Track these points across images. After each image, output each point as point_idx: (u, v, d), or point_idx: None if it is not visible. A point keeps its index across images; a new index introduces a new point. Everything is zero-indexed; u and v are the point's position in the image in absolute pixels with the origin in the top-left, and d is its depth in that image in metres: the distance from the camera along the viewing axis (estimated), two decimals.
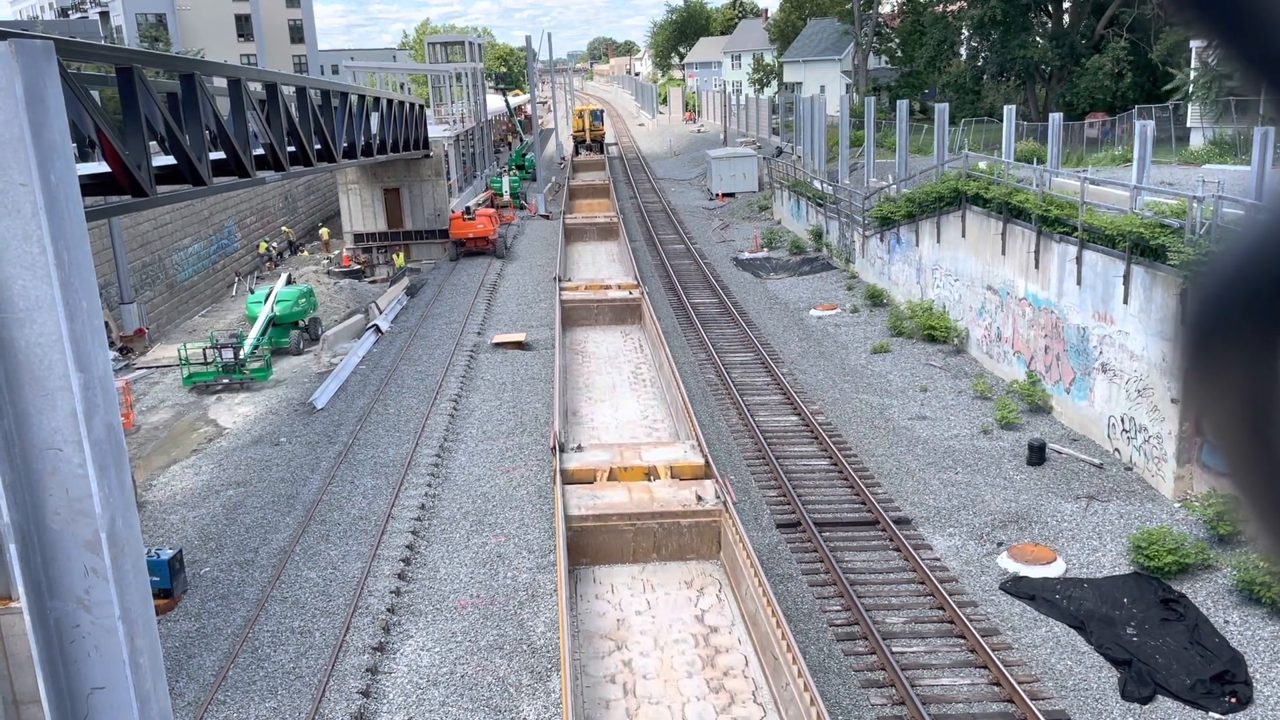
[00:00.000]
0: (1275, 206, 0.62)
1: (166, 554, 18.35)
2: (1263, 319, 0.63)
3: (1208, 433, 0.69)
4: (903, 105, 40.36)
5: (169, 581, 18.16)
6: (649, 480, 18.94)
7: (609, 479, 18.93)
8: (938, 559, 18.79)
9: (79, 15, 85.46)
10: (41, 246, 7.68)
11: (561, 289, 35.19)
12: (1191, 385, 0.67)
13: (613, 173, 76.80)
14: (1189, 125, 41.27)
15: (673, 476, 18.97)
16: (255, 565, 19.79)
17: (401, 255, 48.01)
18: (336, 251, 49.64)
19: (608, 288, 35.39)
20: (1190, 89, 39.80)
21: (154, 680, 8.64)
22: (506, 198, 61.57)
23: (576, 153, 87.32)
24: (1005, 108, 34.42)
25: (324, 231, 53.17)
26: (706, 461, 19.31)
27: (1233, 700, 14.48)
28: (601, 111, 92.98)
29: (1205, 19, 0.65)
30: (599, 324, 33.67)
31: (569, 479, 18.98)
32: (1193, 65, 39.50)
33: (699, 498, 17.94)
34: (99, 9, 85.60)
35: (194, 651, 16.99)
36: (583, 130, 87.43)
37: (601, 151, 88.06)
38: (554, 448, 20.11)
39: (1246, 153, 31.53)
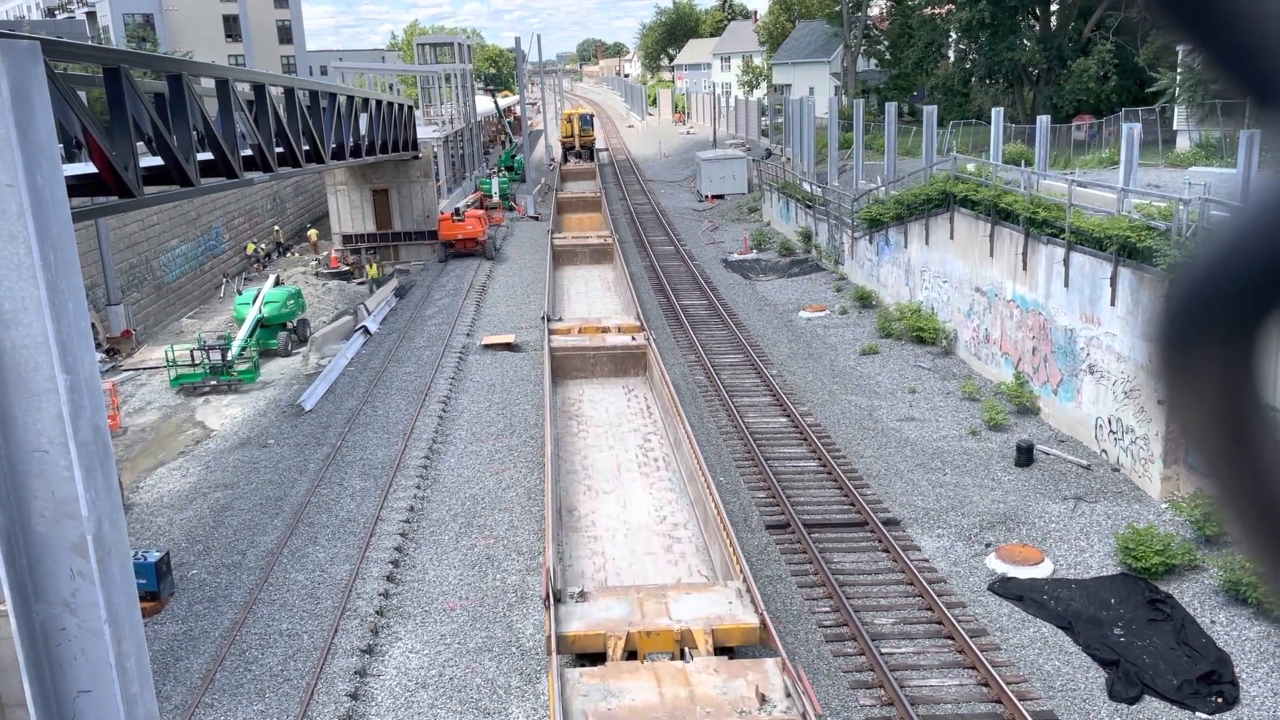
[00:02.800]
0: (1250, 206, 0.62)
1: (153, 556, 18.27)
2: (1237, 318, 0.63)
3: (1184, 434, 0.69)
4: (891, 107, 40.50)
5: (156, 584, 18.08)
6: (683, 657, 13.46)
7: (625, 651, 13.60)
8: (926, 560, 18.84)
9: (66, 15, 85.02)
10: (28, 248, 7.64)
11: (551, 332, 29.69)
12: (1168, 386, 0.67)
13: (604, 181, 72.95)
14: (1175, 128, 41.49)
15: (715, 647, 13.59)
16: (243, 568, 19.71)
17: (375, 266, 45.93)
18: (325, 253, 49.50)
19: (606, 330, 29.88)
20: (1176, 92, 40.01)
21: (140, 683, 8.60)
22: (496, 199, 61.50)
23: (565, 160, 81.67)
24: (993, 110, 34.54)
25: (312, 233, 53.04)
26: (763, 622, 13.83)
27: (1219, 700, 14.55)
28: (591, 116, 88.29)
29: (1183, 26, 0.65)
30: (596, 376, 28.18)
31: (569, 648, 13.79)
32: (1178, 68, 39.71)
33: (762, 698, 12.29)
34: (86, 9, 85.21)
35: (181, 654, 16.92)
36: (571, 136, 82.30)
37: (592, 159, 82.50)
38: (548, 597, 14.32)
39: (1233, 155, 31.72)
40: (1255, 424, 0.65)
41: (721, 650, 13.70)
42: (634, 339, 28.86)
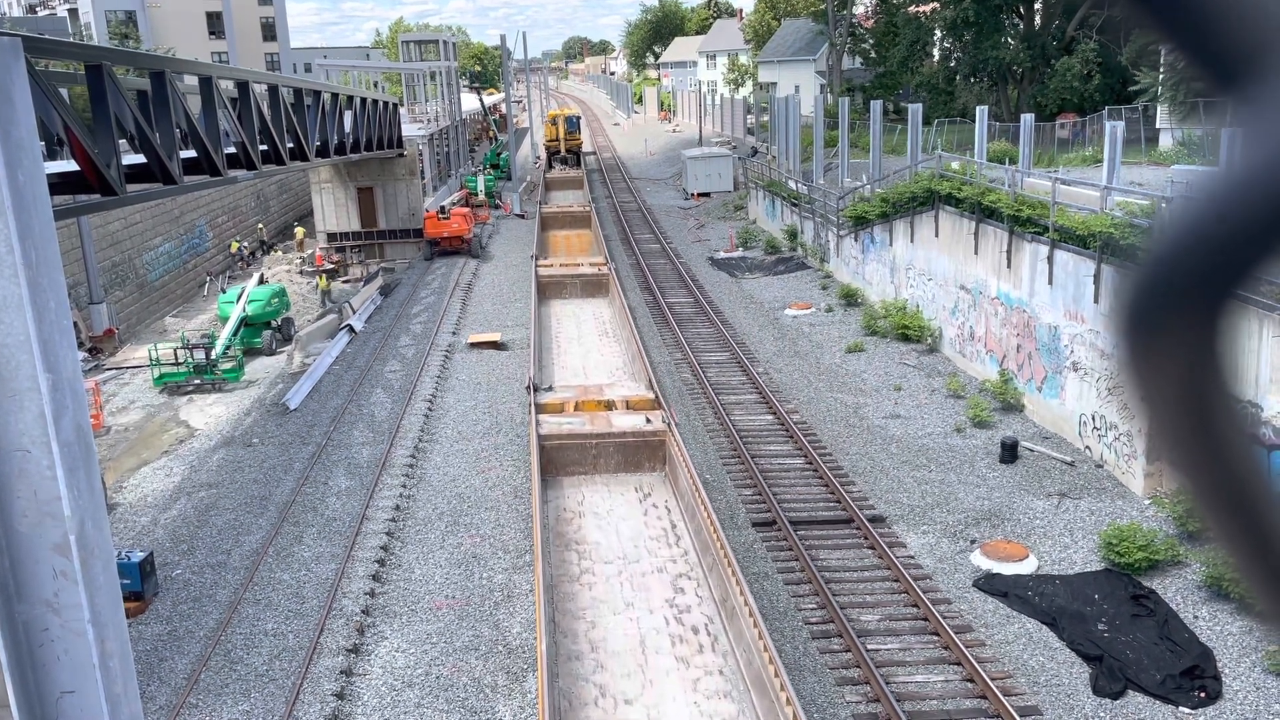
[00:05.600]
0: (1207, 193, 0.62)
1: (137, 556, 18.17)
2: (1198, 303, 0.63)
3: (1149, 424, 0.69)
4: (876, 106, 40.62)
5: (140, 584, 17.98)
6: None
7: None
8: (912, 556, 18.91)
9: (47, 12, 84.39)
10: (9, 246, 7.59)
11: (538, 408, 23.35)
12: (1132, 376, 0.66)
13: (591, 188, 67.75)
14: (1158, 126, 41.73)
15: None
16: (227, 567, 19.63)
17: (324, 278, 42.52)
18: (310, 251, 49.32)
19: (611, 407, 23.42)
20: (1159, 90, 40.24)
21: (124, 684, 8.55)
22: (481, 197, 61.39)
23: (549, 166, 73.67)
24: (977, 108, 34.67)
25: (299, 231, 52.85)
26: None
27: (1202, 695, 14.65)
28: (578, 118, 79.70)
29: (1159, 26, 0.65)
30: (600, 471, 21.89)
31: None
32: (1161, 67, 39.92)
33: None
34: (67, 6, 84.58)
35: (165, 654, 16.83)
36: (556, 140, 74.71)
37: (579, 165, 74.17)
38: None
39: (1215, 153, 31.91)
40: (1220, 412, 0.65)
41: None
42: (648, 420, 22.43)
